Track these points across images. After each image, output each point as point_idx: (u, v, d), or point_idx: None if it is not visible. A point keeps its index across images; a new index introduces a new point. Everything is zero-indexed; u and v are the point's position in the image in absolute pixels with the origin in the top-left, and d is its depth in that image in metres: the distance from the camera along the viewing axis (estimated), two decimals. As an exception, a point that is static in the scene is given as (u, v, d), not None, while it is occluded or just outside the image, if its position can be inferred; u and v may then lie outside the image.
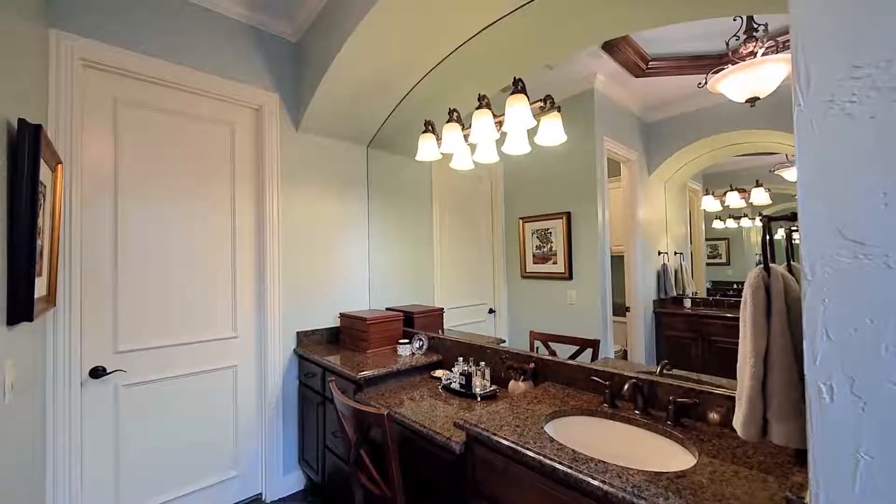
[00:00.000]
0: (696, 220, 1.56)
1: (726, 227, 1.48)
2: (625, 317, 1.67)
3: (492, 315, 2.19)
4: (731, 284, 1.46)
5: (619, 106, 1.71)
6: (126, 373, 1.86)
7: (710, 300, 1.45)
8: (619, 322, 1.68)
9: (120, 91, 1.88)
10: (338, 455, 1.95)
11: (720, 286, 1.48)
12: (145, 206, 1.94)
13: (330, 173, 2.59)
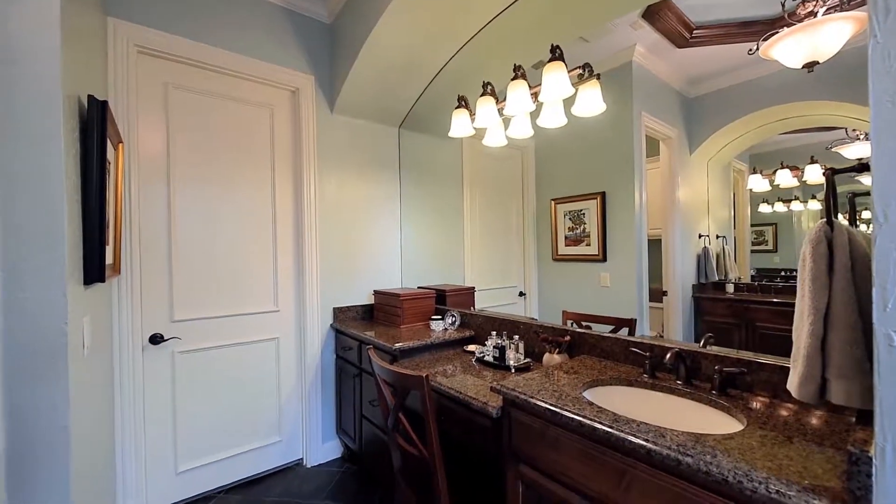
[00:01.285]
0: (740, 203, 1.47)
1: (774, 211, 1.38)
2: (661, 302, 1.62)
3: (522, 298, 2.19)
4: (777, 272, 1.36)
5: (659, 80, 1.64)
6: (181, 340, 2.01)
7: (756, 285, 1.37)
8: (655, 308, 1.63)
9: (170, 76, 1.98)
10: (374, 423, 2.02)
11: (766, 273, 1.38)
12: (194, 186, 2.05)
13: (363, 154, 2.64)
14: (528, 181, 2.18)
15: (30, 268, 0.93)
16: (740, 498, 0.70)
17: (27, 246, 0.93)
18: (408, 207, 2.80)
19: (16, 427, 0.91)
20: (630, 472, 0.86)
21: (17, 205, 0.92)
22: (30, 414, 0.93)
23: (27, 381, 0.93)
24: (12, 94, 0.91)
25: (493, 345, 1.71)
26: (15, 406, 0.91)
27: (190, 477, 2.04)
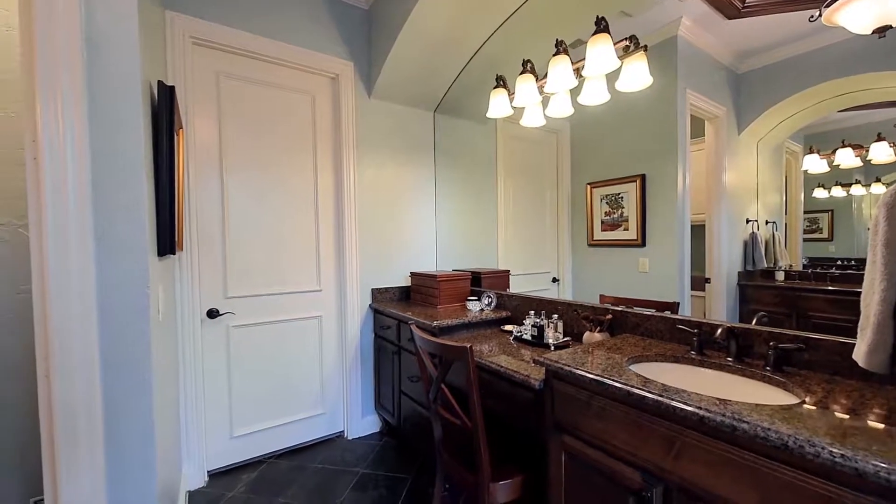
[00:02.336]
0: (793, 187, 1.38)
1: (831, 197, 1.27)
2: (703, 290, 1.57)
3: (555, 284, 2.18)
4: (833, 261, 1.27)
5: (706, 55, 1.56)
6: (235, 315, 2.15)
7: (809, 273, 1.29)
8: (696, 296, 1.58)
9: (221, 65, 2.09)
10: (413, 399, 2.10)
11: (819, 262, 1.30)
12: (243, 171, 2.17)
13: (399, 139, 2.68)
14: (562, 165, 2.15)
15: (117, 237, 1.03)
16: (800, 463, 0.69)
17: (114, 217, 1.03)
18: (442, 192, 2.83)
19: (110, 379, 1.02)
20: (680, 439, 0.87)
21: (106, 181, 1.02)
22: (120, 367, 1.04)
23: (116, 339, 1.04)
24: (98, 78, 1.01)
25: (532, 324, 1.72)
26: (108, 360, 1.02)
27: (243, 441, 2.20)
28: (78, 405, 0.97)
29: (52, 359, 0.95)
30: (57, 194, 0.95)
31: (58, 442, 0.96)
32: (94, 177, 0.99)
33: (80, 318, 0.97)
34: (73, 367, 0.97)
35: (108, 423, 1.01)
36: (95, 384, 0.99)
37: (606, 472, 1.04)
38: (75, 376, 0.97)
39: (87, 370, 0.98)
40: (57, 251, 0.95)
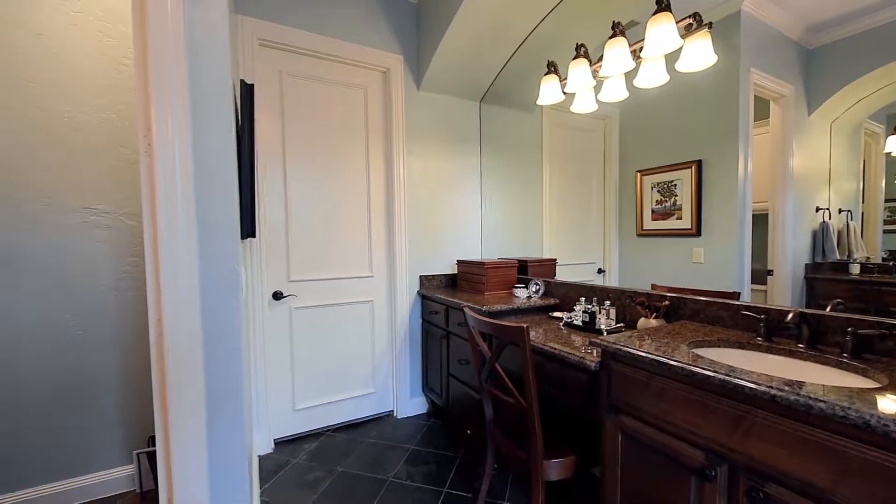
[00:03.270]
0: (872, 172, 1.27)
1: None
2: (764, 284, 1.49)
3: (601, 275, 2.15)
4: None
5: (773, 30, 1.46)
6: (297, 297, 2.32)
7: (892, 266, 1.19)
8: (757, 290, 1.50)
9: (284, 64, 2.24)
10: (461, 381, 2.17)
11: None
12: (303, 163, 2.32)
13: (446, 129, 2.74)
14: (610, 153, 2.11)
15: (213, 221, 1.17)
16: (883, 443, 0.68)
17: (211, 203, 1.16)
18: (488, 181, 2.86)
19: (209, 346, 1.16)
20: (748, 418, 0.86)
21: (204, 171, 1.15)
22: (216, 335, 1.18)
23: (213, 310, 1.18)
24: (196, 80, 1.13)
25: (583, 310, 1.73)
26: (206, 329, 1.16)
27: (304, 414, 2.39)
28: (184, 362, 1.12)
29: (164, 323, 1.10)
30: (167, 184, 1.09)
31: (169, 393, 1.11)
32: (195, 167, 1.13)
33: (187, 290, 1.11)
34: (181, 331, 1.11)
35: (208, 382, 1.16)
36: (198, 347, 1.13)
37: (666, 451, 1.05)
38: (182, 339, 1.11)
39: (191, 335, 1.12)
40: (168, 233, 1.09)
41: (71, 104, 1.75)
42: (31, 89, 1.68)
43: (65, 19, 1.73)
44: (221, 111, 1.17)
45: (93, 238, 1.80)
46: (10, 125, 1.65)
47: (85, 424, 1.80)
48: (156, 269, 1.13)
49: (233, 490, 1.22)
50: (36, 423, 1.72)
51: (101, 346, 1.82)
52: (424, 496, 1.81)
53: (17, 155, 1.67)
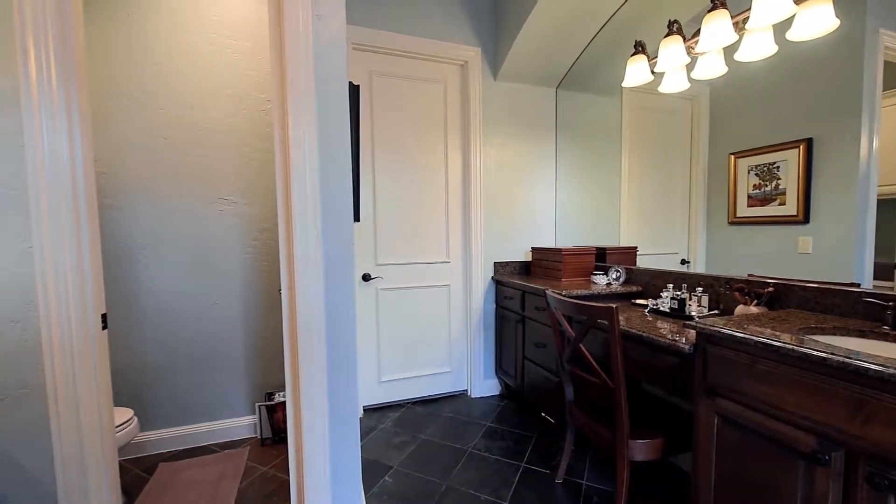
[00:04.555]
0: None
1: None
2: (891, 280, 1.30)
3: (685, 266, 2.05)
4: None
5: None
6: (383, 279, 2.53)
7: None
8: (881, 287, 1.33)
9: (373, 65, 2.43)
10: (537, 363, 2.23)
11: None
12: (389, 155, 2.50)
13: (521, 118, 2.76)
14: (698, 135, 1.99)
15: (333, 205, 1.35)
16: None
17: (331, 191, 1.35)
18: (563, 168, 2.84)
19: (330, 313, 1.36)
20: (872, 403, 0.83)
21: (327, 161, 1.34)
22: (335, 303, 1.37)
23: (333, 281, 1.37)
24: (322, 82, 1.32)
25: (671, 296, 1.69)
26: (329, 301, 1.36)
27: (388, 386, 2.61)
28: (311, 326, 1.32)
29: (296, 291, 1.31)
30: (299, 172, 1.29)
31: (299, 352, 1.32)
32: (320, 157, 1.32)
33: (313, 264, 1.31)
34: (309, 299, 1.32)
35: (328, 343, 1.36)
36: (321, 314, 1.33)
37: (770, 435, 1.03)
38: (310, 306, 1.32)
39: (316, 303, 1.33)
40: (300, 214, 1.29)
41: (208, 111, 2.09)
42: (181, 98, 2.04)
43: (204, 40, 2.06)
44: (340, 109, 1.34)
45: (224, 224, 2.14)
46: (166, 130, 2.02)
47: (219, 379, 2.17)
48: (289, 245, 1.34)
49: (347, 439, 1.42)
50: (184, 376, 2.11)
51: (230, 313, 2.17)
52: (503, 468, 1.91)
53: (172, 156, 2.04)
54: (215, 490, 1.75)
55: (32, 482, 1.13)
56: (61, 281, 1.11)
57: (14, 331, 1.10)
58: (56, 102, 1.09)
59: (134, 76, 1.96)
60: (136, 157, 1.99)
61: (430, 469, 1.92)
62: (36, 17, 1.05)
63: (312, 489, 1.37)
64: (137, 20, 1.96)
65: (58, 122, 1.09)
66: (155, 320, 2.05)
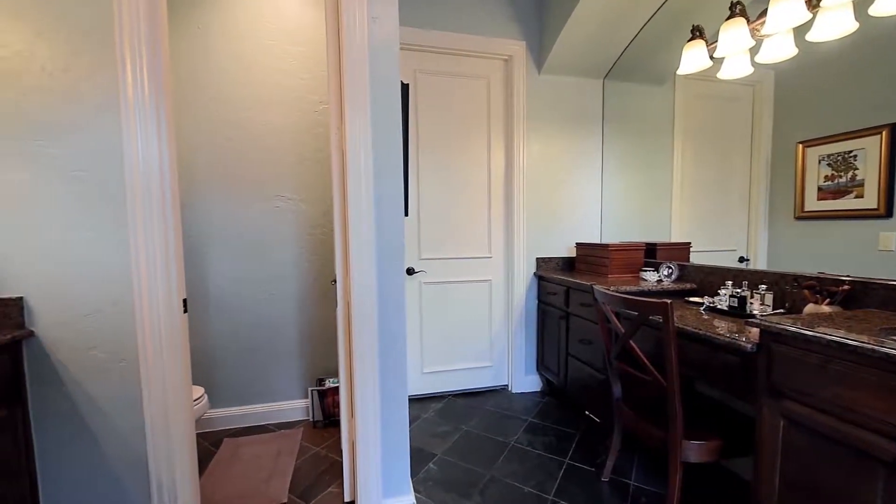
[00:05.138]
0: None
1: None
2: None
3: (743, 265, 1.92)
4: None
5: None
6: (426, 273, 2.60)
7: None
8: None
9: (418, 63, 2.48)
10: (582, 360, 2.19)
11: None
12: (432, 151, 2.55)
13: (566, 110, 2.71)
14: (760, 123, 1.86)
15: (385, 200, 1.42)
16: None
17: (384, 186, 1.41)
18: (610, 162, 2.76)
19: (382, 301, 1.43)
20: (972, 410, 0.75)
21: (380, 155, 1.40)
22: (385, 295, 1.44)
23: (385, 274, 1.43)
24: (376, 80, 1.38)
25: (730, 294, 1.60)
26: (381, 286, 1.43)
27: (431, 378, 2.67)
28: (364, 313, 1.39)
29: (351, 277, 1.39)
30: (355, 166, 1.36)
31: (353, 337, 1.40)
32: (374, 153, 1.38)
33: (367, 255, 1.38)
34: (363, 289, 1.39)
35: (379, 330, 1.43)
36: (374, 302, 1.40)
37: (845, 441, 0.96)
38: (364, 295, 1.39)
39: (369, 292, 1.39)
40: (355, 207, 1.37)
41: (266, 113, 2.23)
42: (242, 102, 2.19)
43: (262, 46, 2.20)
44: (392, 107, 1.40)
45: (281, 219, 2.29)
46: (229, 132, 2.19)
47: (276, 364, 2.33)
48: (344, 236, 1.42)
49: (396, 423, 1.49)
50: (245, 360, 2.28)
51: (285, 303, 2.32)
52: (546, 463, 1.91)
53: (234, 156, 2.20)
54: (274, 465, 1.89)
55: (127, 445, 1.28)
56: (151, 268, 1.25)
57: (114, 312, 1.25)
58: (147, 109, 1.22)
59: (201, 83, 2.14)
60: (203, 157, 2.17)
61: (473, 459, 1.95)
62: (132, 31, 1.19)
63: (364, 469, 1.45)
64: (203, 33, 2.13)
65: (149, 127, 1.23)
66: (220, 308, 2.23)
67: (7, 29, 1.15)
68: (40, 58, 1.17)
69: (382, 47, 1.37)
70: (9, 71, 1.16)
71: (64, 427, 1.24)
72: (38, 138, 1.18)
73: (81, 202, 1.21)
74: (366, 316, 1.39)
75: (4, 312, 1.17)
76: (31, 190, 1.19)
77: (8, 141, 1.17)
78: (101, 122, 1.21)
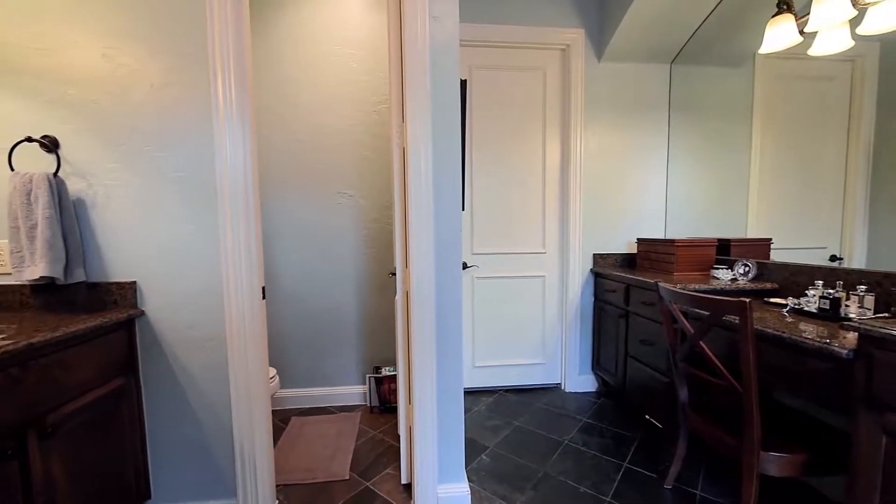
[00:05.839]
0: None
1: None
2: None
3: (836, 263, 1.70)
4: None
5: None
6: (479, 268, 2.61)
7: None
8: None
9: (472, 59, 2.49)
10: (642, 362, 2.09)
11: None
12: (484, 145, 2.55)
13: (628, 99, 2.58)
14: (860, 103, 1.64)
15: (445, 191, 1.45)
16: None
17: (445, 177, 1.45)
18: (676, 152, 2.58)
19: (440, 291, 1.47)
20: None
21: (439, 150, 1.44)
22: (444, 285, 1.48)
23: (442, 266, 1.47)
24: (439, 78, 1.41)
25: (820, 295, 1.44)
26: (439, 280, 1.47)
27: (482, 372, 2.70)
28: (423, 304, 1.44)
29: (411, 272, 1.45)
30: (416, 160, 1.41)
31: (412, 326, 1.46)
32: (433, 148, 1.42)
33: (426, 247, 1.43)
34: (422, 280, 1.44)
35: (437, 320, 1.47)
36: (432, 293, 1.45)
37: (970, 466, 0.84)
38: (423, 285, 1.44)
39: (428, 283, 1.44)
40: (415, 200, 1.42)
41: (329, 115, 2.37)
42: (308, 105, 2.35)
43: (326, 52, 2.34)
44: (452, 103, 1.42)
45: (341, 214, 2.42)
46: (299, 134, 2.36)
47: (337, 351, 2.48)
48: (404, 230, 1.48)
49: (452, 411, 1.53)
50: (311, 346, 2.46)
51: (346, 294, 2.46)
52: (602, 464, 1.85)
53: (302, 156, 2.37)
54: (336, 443, 2.02)
55: (216, 414, 1.45)
56: (236, 258, 1.39)
57: (207, 295, 1.41)
58: (234, 118, 1.36)
59: (275, 90, 2.32)
60: (276, 157, 2.35)
61: (525, 454, 1.95)
62: (222, 52, 1.33)
63: (421, 455, 1.51)
64: (274, 42, 2.30)
65: (235, 134, 1.37)
66: (289, 297, 2.42)
67: (127, 50, 1.34)
68: (150, 75, 1.35)
69: (443, 45, 1.40)
70: (125, 86, 1.35)
71: (166, 394, 1.43)
72: (146, 145, 1.37)
73: (182, 200, 1.38)
74: (424, 307, 1.44)
75: (122, 294, 1.38)
76: (143, 190, 1.37)
77: (125, 148, 1.36)
78: (197, 131, 1.37)
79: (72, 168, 1.35)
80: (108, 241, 1.38)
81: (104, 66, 1.33)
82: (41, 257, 1.22)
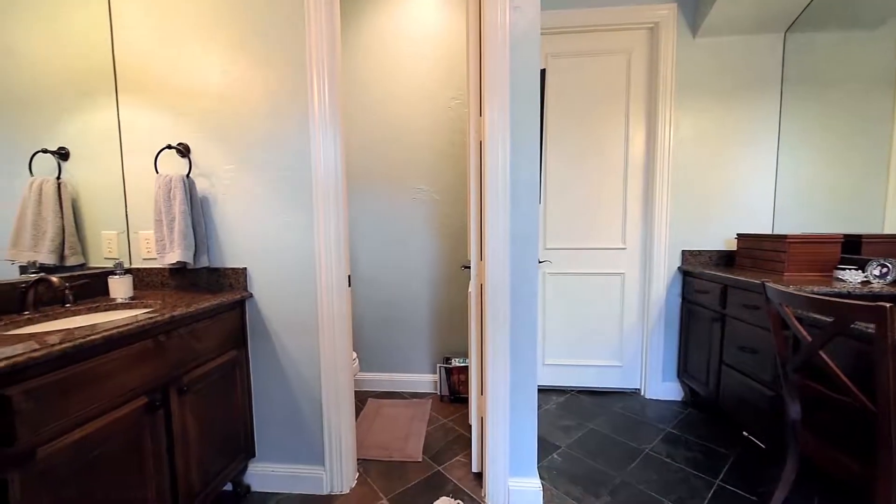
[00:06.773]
0: None
1: None
2: None
3: None
4: None
5: None
6: (551, 263, 2.54)
7: None
8: None
9: (549, 47, 2.41)
10: (741, 371, 1.87)
11: None
12: (559, 137, 2.45)
13: (728, 78, 2.30)
14: None
15: (522, 184, 1.43)
16: None
17: (522, 170, 1.43)
18: (789, 135, 2.24)
19: (514, 283, 1.46)
20: None
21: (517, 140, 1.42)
22: (518, 278, 1.46)
23: (517, 258, 1.46)
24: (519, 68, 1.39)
25: None
26: (514, 275, 1.46)
27: (552, 370, 2.62)
28: (498, 294, 1.45)
29: (486, 260, 1.46)
30: (493, 152, 1.41)
31: (486, 317, 1.47)
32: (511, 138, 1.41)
33: (502, 239, 1.43)
34: (497, 271, 1.44)
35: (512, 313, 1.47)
36: (507, 285, 1.44)
37: None
38: (498, 277, 1.44)
39: (503, 274, 1.44)
40: (492, 191, 1.42)
41: (408, 114, 2.47)
42: (389, 105, 2.47)
43: (404, 53, 2.43)
44: (531, 95, 1.40)
45: (417, 209, 2.51)
46: (380, 132, 2.49)
47: (411, 339, 2.60)
48: (479, 222, 1.49)
49: (525, 404, 1.51)
50: (387, 333, 2.60)
51: (419, 285, 2.55)
52: (690, 479, 1.70)
53: (382, 152, 2.50)
54: (409, 426, 2.12)
55: (309, 388, 1.61)
56: (327, 248, 1.52)
57: (303, 281, 1.57)
58: (327, 121, 1.48)
59: (359, 93, 2.48)
60: (358, 154, 2.52)
61: (600, 458, 1.86)
62: (318, 54, 1.45)
63: (493, 446, 1.52)
64: (358, 49, 2.45)
65: (328, 135, 1.49)
66: (368, 285, 2.58)
67: (242, 63, 1.53)
68: (259, 86, 1.53)
69: (523, 35, 1.38)
70: (239, 97, 1.54)
71: (268, 367, 1.62)
72: (256, 148, 1.55)
73: (285, 196, 1.55)
74: (499, 299, 1.45)
75: (236, 278, 1.59)
76: (253, 188, 1.57)
77: (239, 151, 1.56)
78: (297, 134, 1.52)
79: (198, 170, 1.58)
80: (225, 233, 1.59)
81: (222, 80, 1.54)
82: (178, 245, 1.46)
